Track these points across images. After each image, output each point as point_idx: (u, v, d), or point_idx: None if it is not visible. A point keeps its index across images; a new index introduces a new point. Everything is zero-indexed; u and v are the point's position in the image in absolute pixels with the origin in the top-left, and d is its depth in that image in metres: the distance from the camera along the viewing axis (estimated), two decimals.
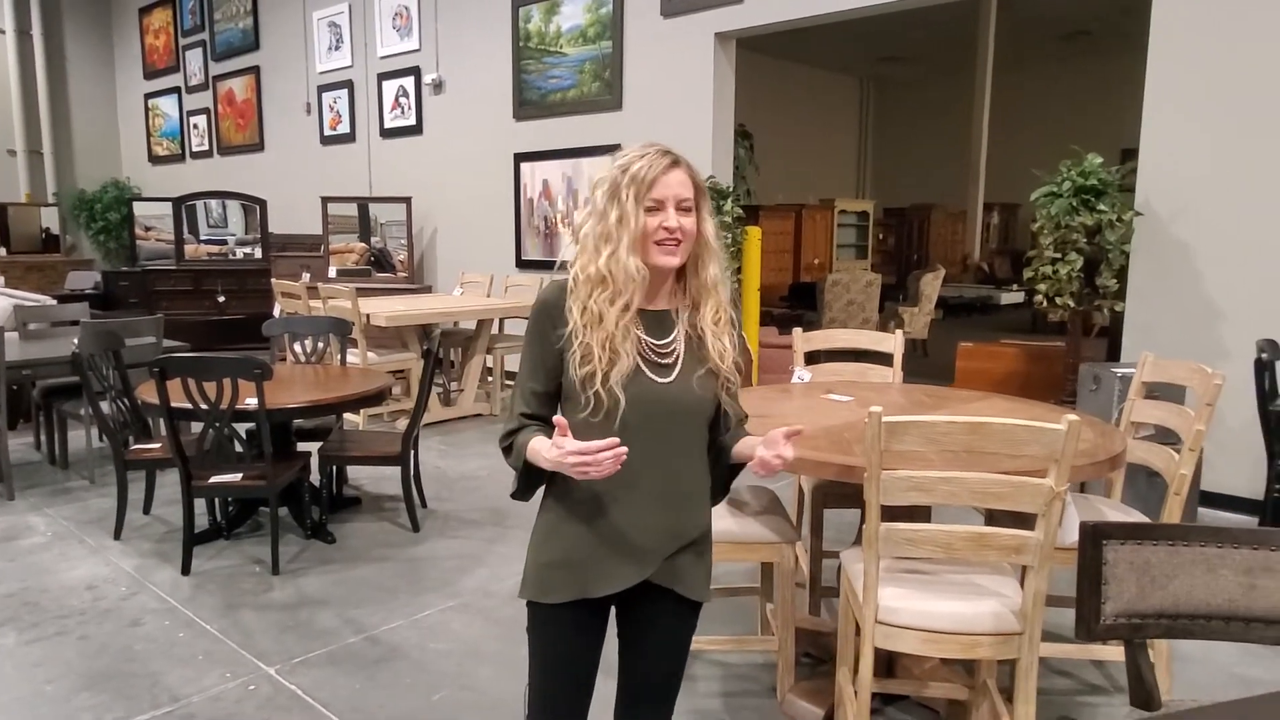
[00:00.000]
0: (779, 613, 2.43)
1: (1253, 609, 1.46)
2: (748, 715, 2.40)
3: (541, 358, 1.48)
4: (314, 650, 2.72)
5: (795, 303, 10.66)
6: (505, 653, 2.70)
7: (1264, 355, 3.10)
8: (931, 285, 8.76)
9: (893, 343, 3.16)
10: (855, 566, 2.01)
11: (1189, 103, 4.00)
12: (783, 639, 2.41)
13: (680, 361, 1.49)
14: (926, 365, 8.14)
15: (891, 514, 1.89)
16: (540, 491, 1.54)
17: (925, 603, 1.89)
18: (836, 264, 12.12)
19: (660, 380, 1.47)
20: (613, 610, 1.56)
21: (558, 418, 1.38)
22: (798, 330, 3.16)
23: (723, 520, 2.40)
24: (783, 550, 2.36)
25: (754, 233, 5.97)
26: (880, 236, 14.15)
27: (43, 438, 4.90)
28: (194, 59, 10.11)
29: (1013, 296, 12.58)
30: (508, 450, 1.50)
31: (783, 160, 12.62)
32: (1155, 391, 2.90)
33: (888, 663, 2.45)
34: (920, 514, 2.64)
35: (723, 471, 1.61)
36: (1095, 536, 1.46)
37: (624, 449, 1.33)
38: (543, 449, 1.40)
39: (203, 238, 8.76)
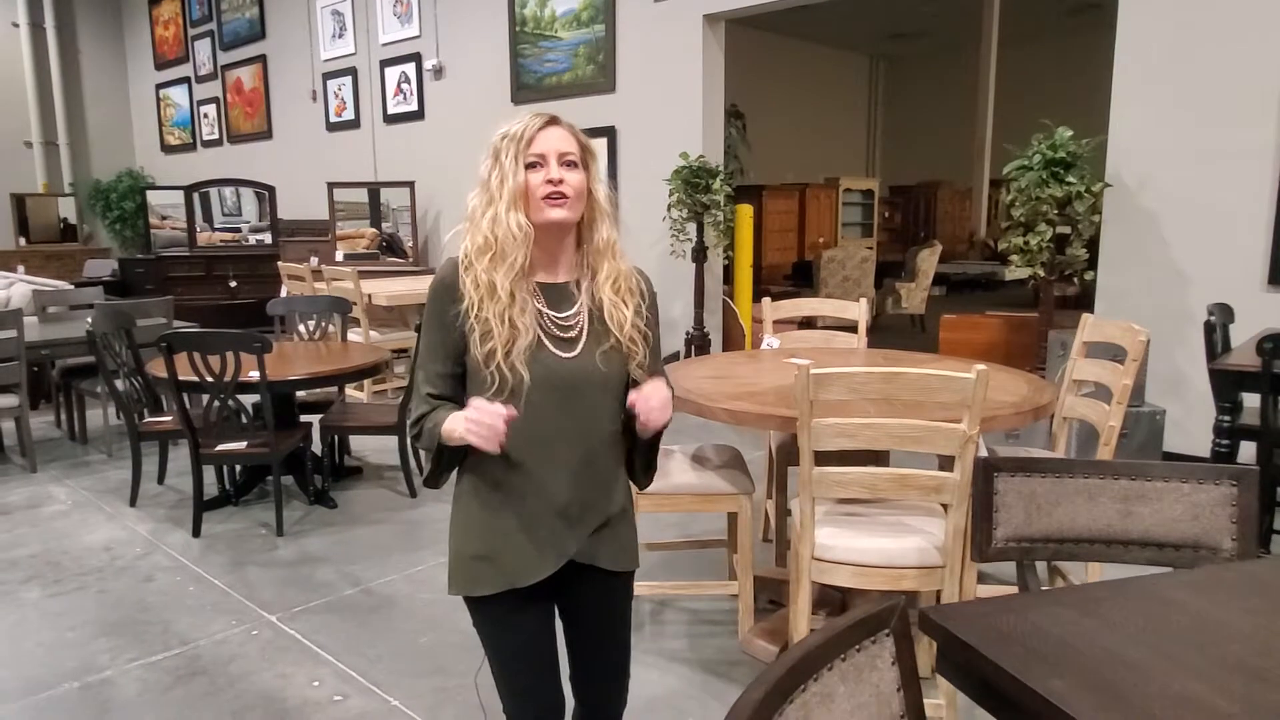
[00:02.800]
0: (740, 559, 2.61)
1: (1128, 533, 1.63)
2: (711, 653, 2.58)
3: (442, 339, 1.43)
4: (313, 600, 2.94)
5: (798, 280, 10.81)
6: None
7: (1213, 318, 3.24)
8: (928, 261, 8.87)
9: (857, 310, 3.32)
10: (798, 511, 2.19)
11: (1155, 78, 4.10)
12: (743, 583, 2.59)
13: (584, 335, 1.43)
14: (923, 340, 8.27)
15: (844, 459, 2.07)
16: (453, 482, 1.51)
17: (857, 540, 2.07)
18: (842, 242, 12.23)
19: (564, 355, 1.42)
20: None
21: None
22: (766, 300, 3.33)
23: (685, 475, 2.58)
24: (741, 501, 2.54)
25: (744, 210, 6.12)
26: (887, 214, 14.22)
27: (62, 415, 5.15)
28: (203, 49, 10.31)
29: (1017, 272, 12.64)
30: (418, 436, 1.44)
31: (792, 139, 12.71)
32: (1116, 356, 3.06)
33: (842, 605, 2.64)
34: (883, 460, 2.82)
35: (641, 445, 1.52)
36: (987, 469, 1.63)
37: (509, 413, 1.32)
38: (456, 425, 1.36)
39: (217, 225, 8.99)
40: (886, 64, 15.13)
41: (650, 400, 1.39)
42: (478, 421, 1.31)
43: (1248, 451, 3.29)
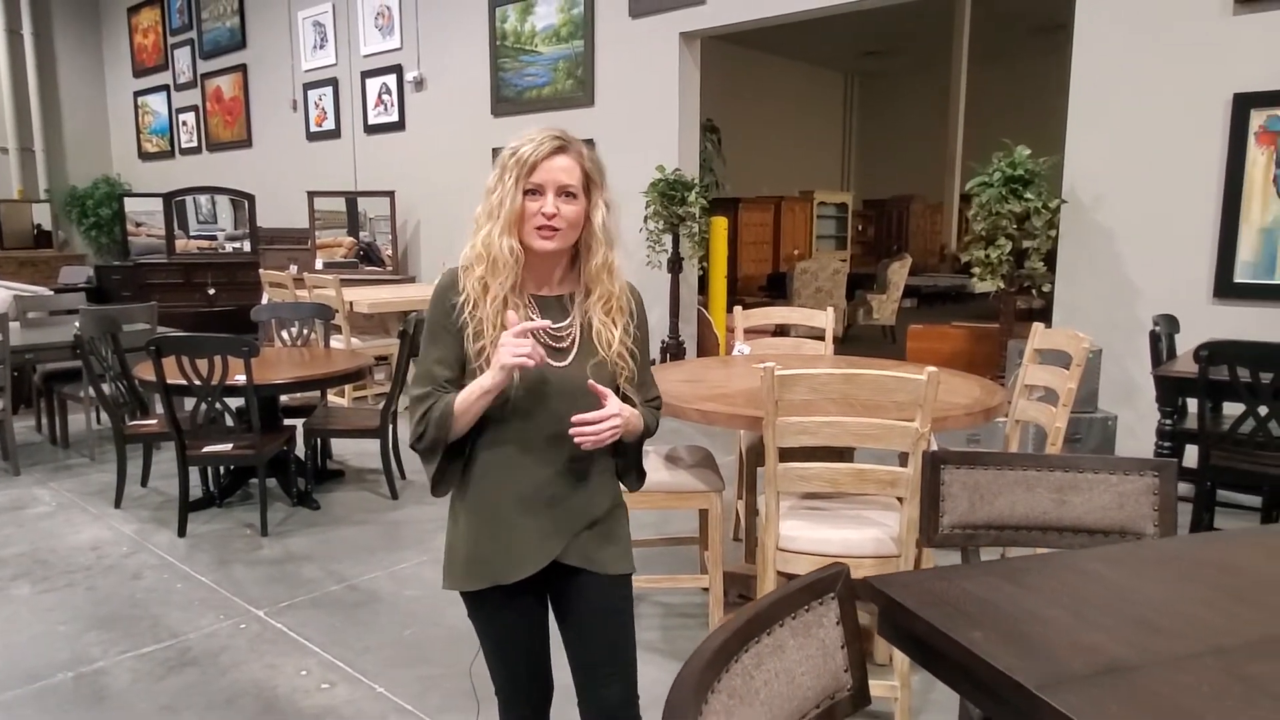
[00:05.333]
0: (711, 554, 2.74)
1: (1062, 520, 1.78)
2: (684, 644, 2.71)
3: (444, 341, 1.50)
4: (299, 596, 3.03)
5: (772, 291, 11.01)
6: None
7: (1157, 328, 3.43)
8: (899, 274, 9.08)
9: (824, 319, 3.47)
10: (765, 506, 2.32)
11: (1107, 99, 4.32)
12: (714, 577, 2.72)
13: (576, 347, 1.51)
14: (893, 349, 8.47)
15: (811, 457, 2.20)
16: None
17: (818, 531, 2.21)
18: (816, 254, 12.45)
19: (554, 364, 1.48)
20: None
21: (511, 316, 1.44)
22: (738, 309, 3.47)
23: (659, 473, 2.71)
24: (711, 498, 2.67)
25: (719, 222, 6.28)
26: (860, 227, 14.50)
27: (44, 420, 5.18)
28: (182, 57, 10.35)
29: (984, 285, 12.93)
30: (421, 435, 1.47)
31: (769, 153, 12.92)
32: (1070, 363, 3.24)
33: None
34: (847, 458, 2.97)
35: (625, 451, 1.60)
36: (934, 462, 1.77)
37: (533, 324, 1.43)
38: (476, 383, 1.44)
39: (193, 233, 9.03)
40: (861, 80, 15.43)
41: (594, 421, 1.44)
42: (516, 342, 1.38)
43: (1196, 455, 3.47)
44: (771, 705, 1.04)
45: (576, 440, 1.44)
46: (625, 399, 1.55)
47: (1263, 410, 2.81)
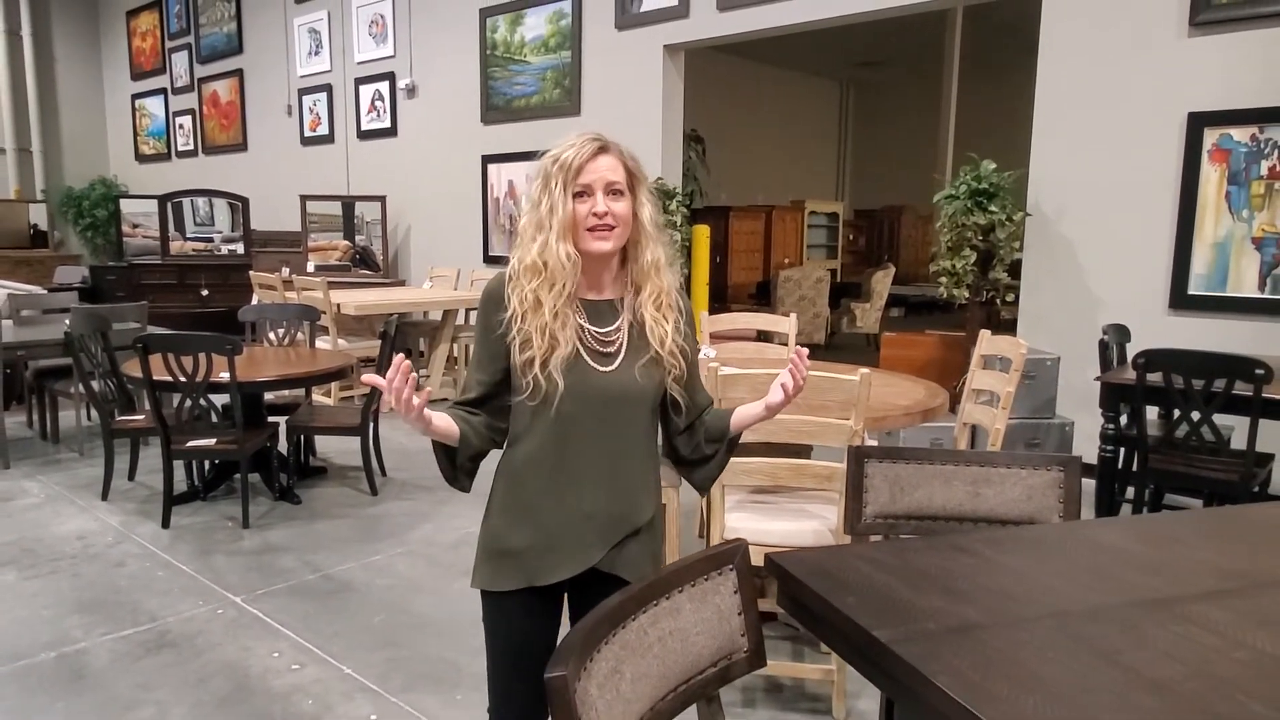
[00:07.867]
0: (668, 546, 2.87)
1: (977, 511, 1.91)
2: None
3: (486, 347, 1.51)
4: (275, 585, 3.15)
5: (761, 298, 11.17)
6: (441, 587, 3.13)
7: (1105, 338, 3.57)
8: (882, 282, 9.23)
9: (787, 324, 3.61)
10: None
11: (1069, 115, 4.47)
12: None
13: (623, 350, 1.49)
14: (875, 357, 8.60)
15: (770, 452, 2.33)
16: (490, 483, 1.59)
17: (762, 523, 2.34)
18: (807, 263, 12.60)
19: (601, 369, 1.48)
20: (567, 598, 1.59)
21: (368, 377, 1.39)
22: (703, 313, 3.61)
23: None
24: (668, 493, 2.79)
25: (701, 230, 6.43)
26: (851, 237, 14.66)
27: (35, 416, 5.30)
28: (180, 61, 10.50)
29: (955, 294, 13.10)
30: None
31: (764, 162, 13.07)
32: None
33: (760, 588, 2.90)
34: (804, 456, 3.10)
35: (715, 451, 1.63)
36: (859, 456, 1.90)
37: (406, 363, 1.35)
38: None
39: (189, 235, 9.15)
40: (857, 90, 15.58)
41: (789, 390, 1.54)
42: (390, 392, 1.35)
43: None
44: (664, 659, 1.16)
45: (792, 369, 1.54)
46: (674, 401, 1.57)
47: (1195, 415, 2.94)
